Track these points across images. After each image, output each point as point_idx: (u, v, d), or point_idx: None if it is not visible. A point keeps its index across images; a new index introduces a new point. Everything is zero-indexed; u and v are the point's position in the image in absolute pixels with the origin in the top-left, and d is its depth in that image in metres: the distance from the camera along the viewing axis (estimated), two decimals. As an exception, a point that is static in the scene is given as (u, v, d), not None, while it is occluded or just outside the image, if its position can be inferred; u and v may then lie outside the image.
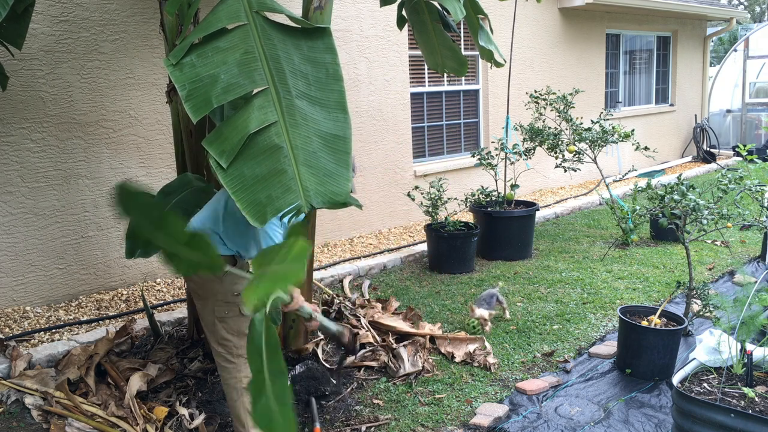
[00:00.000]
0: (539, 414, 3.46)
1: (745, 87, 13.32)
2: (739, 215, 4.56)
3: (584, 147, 6.87)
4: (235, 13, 2.60)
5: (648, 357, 3.80)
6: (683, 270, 5.66)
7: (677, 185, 4.29)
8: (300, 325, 4.03)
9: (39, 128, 4.68)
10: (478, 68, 8.42)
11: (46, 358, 3.86)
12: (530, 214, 6.34)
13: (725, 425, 2.69)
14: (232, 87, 2.50)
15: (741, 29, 16.57)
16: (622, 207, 6.87)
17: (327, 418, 3.43)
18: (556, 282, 5.54)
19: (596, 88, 10.27)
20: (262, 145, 2.47)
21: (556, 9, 9.36)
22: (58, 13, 4.69)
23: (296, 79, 2.56)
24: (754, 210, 5.96)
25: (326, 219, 6.45)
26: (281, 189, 2.43)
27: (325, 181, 2.47)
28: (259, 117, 2.48)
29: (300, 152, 2.48)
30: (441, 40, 4.18)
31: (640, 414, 3.46)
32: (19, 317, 4.55)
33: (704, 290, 4.48)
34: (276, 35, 2.61)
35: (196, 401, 3.52)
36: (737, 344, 3.07)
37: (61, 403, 3.34)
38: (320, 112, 2.55)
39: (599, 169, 6.98)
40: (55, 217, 4.82)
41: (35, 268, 4.76)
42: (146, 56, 5.17)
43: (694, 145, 12.52)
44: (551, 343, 4.31)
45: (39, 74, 4.64)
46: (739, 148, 5.90)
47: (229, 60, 2.53)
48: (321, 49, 2.61)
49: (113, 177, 5.08)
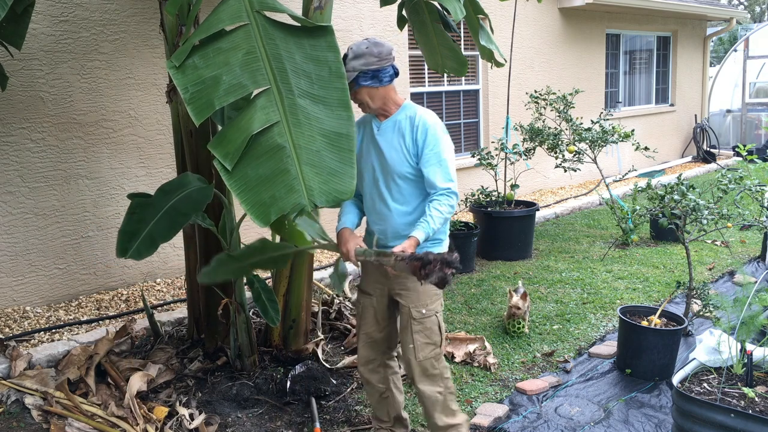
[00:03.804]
0: (539, 414, 3.46)
1: (745, 87, 13.32)
2: (739, 215, 4.56)
3: (584, 147, 6.87)
4: (236, 13, 2.60)
5: (648, 357, 3.80)
6: (683, 270, 5.66)
7: (677, 185, 4.29)
8: (300, 325, 4.03)
9: (39, 128, 4.68)
10: (478, 68, 8.42)
11: (46, 358, 3.86)
12: (530, 214, 6.34)
13: (725, 425, 2.69)
14: (235, 88, 2.50)
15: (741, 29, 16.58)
16: (622, 207, 6.87)
17: (327, 418, 3.43)
18: (556, 282, 5.55)
19: (596, 88, 10.27)
20: (265, 146, 2.46)
21: (556, 9, 9.36)
22: (58, 13, 4.69)
23: (298, 78, 2.56)
24: (754, 210, 5.96)
25: (326, 219, 6.44)
26: (285, 189, 2.43)
27: (329, 180, 2.47)
28: (261, 117, 2.48)
29: (303, 151, 2.48)
30: (441, 40, 4.18)
31: (640, 414, 3.46)
32: (19, 317, 4.55)
33: (704, 290, 4.48)
34: (278, 34, 2.61)
35: (196, 401, 3.52)
36: (737, 344, 3.07)
37: (61, 403, 3.34)
38: (323, 110, 2.55)
39: (599, 169, 6.98)
40: (55, 217, 4.82)
41: (35, 268, 4.76)
42: (146, 56, 5.17)
43: (694, 145, 12.52)
44: (551, 343, 4.31)
45: (39, 74, 4.64)
46: (739, 148, 5.90)
47: (232, 60, 2.52)
48: (323, 48, 2.61)
49: (113, 177, 5.08)
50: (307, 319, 4.08)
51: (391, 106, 2.78)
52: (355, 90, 2.71)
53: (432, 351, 2.81)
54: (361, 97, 2.74)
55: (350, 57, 2.67)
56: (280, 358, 3.98)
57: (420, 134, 2.70)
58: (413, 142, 2.71)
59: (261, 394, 3.64)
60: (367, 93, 2.72)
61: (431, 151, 2.68)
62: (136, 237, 3.22)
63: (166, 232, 3.24)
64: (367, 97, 2.73)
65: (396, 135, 2.75)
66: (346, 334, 4.34)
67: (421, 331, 2.79)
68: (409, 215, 2.76)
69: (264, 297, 3.61)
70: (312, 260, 4.05)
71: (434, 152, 2.68)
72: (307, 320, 4.10)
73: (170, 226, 3.26)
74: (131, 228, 3.24)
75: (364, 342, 2.99)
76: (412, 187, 2.76)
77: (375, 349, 2.98)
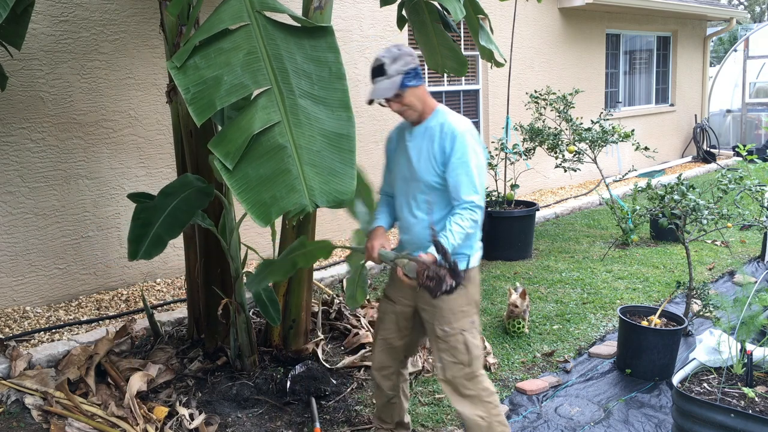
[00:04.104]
0: (539, 414, 3.46)
1: (745, 87, 13.33)
2: (739, 215, 4.56)
3: (584, 147, 6.87)
4: (237, 14, 2.60)
5: (648, 357, 3.80)
6: (683, 270, 5.66)
7: (677, 185, 4.29)
8: (300, 325, 4.03)
9: (39, 128, 4.68)
10: (478, 68, 8.42)
11: (46, 358, 3.86)
12: (530, 214, 6.34)
13: (725, 425, 2.69)
14: (236, 88, 2.50)
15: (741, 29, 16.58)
16: (622, 207, 6.87)
17: (327, 418, 3.43)
18: (556, 282, 5.55)
19: (596, 88, 10.27)
20: (266, 146, 2.47)
21: (556, 9, 9.36)
22: (58, 13, 4.69)
23: (299, 79, 2.56)
24: (754, 210, 5.96)
25: (326, 219, 6.45)
26: (286, 189, 2.43)
27: (330, 180, 2.47)
28: (262, 117, 2.48)
29: (304, 152, 2.48)
30: (441, 40, 4.18)
31: (640, 414, 3.46)
32: (19, 317, 4.55)
33: (704, 290, 4.48)
34: (278, 35, 2.61)
35: (196, 401, 3.52)
36: (737, 344, 3.07)
37: (61, 403, 3.34)
38: (324, 111, 2.55)
39: (599, 169, 6.98)
40: (55, 217, 4.82)
41: (35, 268, 4.76)
42: (146, 56, 5.17)
43: (694, 145, 12.52)
44: (551, 343, 4.32)
45: (39, 74, 4.64)
46: (739, 148, 5.90)
47: (233, 61, 2.53)
48: (324, 48, 2.61)
49: (113, 177, 5.08)
50: (307, 319, 4.08)
51: (426, 109, 2.67)
52: (403, 94, 2.57)
53: (460, 370, 2.67)
54: (408, 100, 2.60)
55: (388, 63, 2.55)
56: (280, 358, 3.98)
57: (448, 141, 2.57)
58: (441, 150, 2.59)
59: (261, 394, 3.64)
60: (413, 94, 2.60)
61: (458, 159, 2.55)
62: (144, 239, 3.25)
63: (172, 230, 3.28)
64: (414, 98, 2.61)
65: (425, 141, 2.63)
66: (346, 334, 4.34)
67: (447, 350, 2.67)
68: (435, 226, 2.62)
69: (264, 297, 3.61)
70: (312, 260, 4.05)
71: (461, 161, 2.55)
72: (307, 320, 4.10)
73: (175, 224, 3.30)
74: (138, 232, 3.28)
75: (381, 347, 2.91)
76: (438, 197, 2.64)
77: (392, 356, 2.91)
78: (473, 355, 2.69)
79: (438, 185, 2.62)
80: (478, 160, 2.57)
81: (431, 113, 2.67)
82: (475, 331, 2.72)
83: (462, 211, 2.55)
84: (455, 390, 2.70)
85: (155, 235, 3.24)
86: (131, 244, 3.26)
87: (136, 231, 3.28)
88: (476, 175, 2.56)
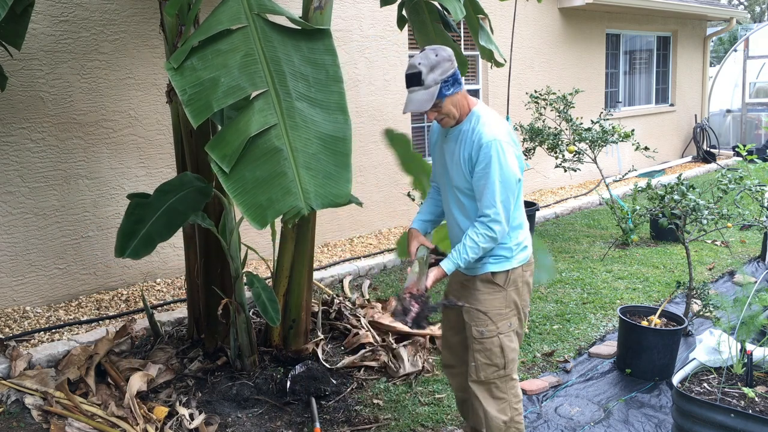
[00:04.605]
0: (539, 414, 3.46)
1: (745, 87, 13.32)
2: (739, 215, 4.56)
3: (584, 147, 6.87)
4: (235, 15, 2.60)
5: (648, 357, 3.80)
6: (683, 270, 5.66)
7: (677, 185, 4.29)
8: (300, 325, 4.03)
9: (39, 128, 4.68)
10: (478, 68, 8.42)
11: (46, 358, 3.86)
12: (530, 214, 6.34)
13: (725, 425, 2.69)
14: (233, 90, 2.50)
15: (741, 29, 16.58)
16: (622, 207, 6.87)
17: (327, 418, 3.43)
18: (556, 282, 5.54)
19: (596, 88, 10.27)
20: (262, 148, 2.47)
21: (556, 9, 9.36)
22: (58, 13, 4.69)
23: (296, 81, 2.56)
24: (754, 210, 5.96)
25: (326, 219, 6.45)
26: (281, 191, 2.43)
27: (325, 183, 2.47)
28: (259, 120, 2.49)
29: (300, 154, 2.48)
30: (441, 40, 4.18)
31: (640, 414, 3.46)
32: (19, 317, 4.55)
33: (704, 290, 4.48)
34: (276, 37, 2.61)
35: (196, 401, 3.52)
36: (737, 344, 3.07)
37: (61, 403, 3.34)
38: (320, 113, 2.56)
39: (599, 169, 6.98)
40: (55, 217, 4.82)
41: (35, 268, 4.76)
42: (146, 56, 5.17)
43: (694, 145, 12.52)
44: (551, 343, 4.32)
45: (39, 74, 4.64)
46: (739, 148, 5.90)
47: (230, 63, 2.53)
48: (321, 51, 2.61)
49: (113, 177, 5.08)
50: (307, 319, 4.08)
51: (464, 113, 2.54)
52: (441, 104, 2.44)
53: (494, 372, 2.65)
54: (447, 109, 2.47)
55: (425, 72, 2.37)
56: (280, 358, 3.98)
57: (474, 150, 2.46)
58: (468, 158, 2.48)
59: (261, 394, 3.64)
60: (451, 102, 2.46)
61: (482, 170, 2.44)
62: (134, 237, 3.23)
63: (165, 231, 3.26)
64: (452, 105, 2.47)
65: (458, 146, 2.53)
66: (346, 334, 4.34)
67: (481, 351, 2.64)
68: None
69: (264, 297, 3.61)
70: (312, 260, 4.05)
71: (484, 172, 2.44)
72: (307, 320, 4.10)
73: (168, 225, 3.26)
74: (129, 228, 3.25)
75: (442, 344, 2.99)
76: (471, 202, 2.56)
77: (452, 353, 2.90)
78: (508, 359, 2.66)
79: (469, 191, 2.55)
80: (502, 172, 2.44)
81: (467, 115, 2.55)
82: (512, 334, 2.68)
83: (479, 225, 2.48)
84: (487, 390, 2.68)
85: (146, 234, 3.22)
86: (120, 239, 3.22)
87: (127, 227, 3.26)
88: (497, 188, 2.44)
